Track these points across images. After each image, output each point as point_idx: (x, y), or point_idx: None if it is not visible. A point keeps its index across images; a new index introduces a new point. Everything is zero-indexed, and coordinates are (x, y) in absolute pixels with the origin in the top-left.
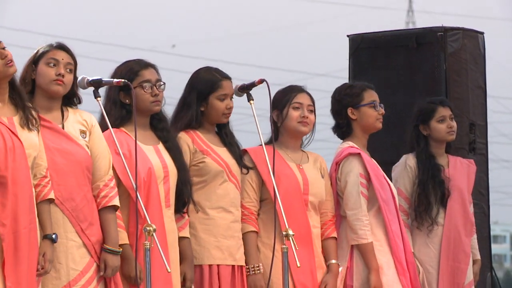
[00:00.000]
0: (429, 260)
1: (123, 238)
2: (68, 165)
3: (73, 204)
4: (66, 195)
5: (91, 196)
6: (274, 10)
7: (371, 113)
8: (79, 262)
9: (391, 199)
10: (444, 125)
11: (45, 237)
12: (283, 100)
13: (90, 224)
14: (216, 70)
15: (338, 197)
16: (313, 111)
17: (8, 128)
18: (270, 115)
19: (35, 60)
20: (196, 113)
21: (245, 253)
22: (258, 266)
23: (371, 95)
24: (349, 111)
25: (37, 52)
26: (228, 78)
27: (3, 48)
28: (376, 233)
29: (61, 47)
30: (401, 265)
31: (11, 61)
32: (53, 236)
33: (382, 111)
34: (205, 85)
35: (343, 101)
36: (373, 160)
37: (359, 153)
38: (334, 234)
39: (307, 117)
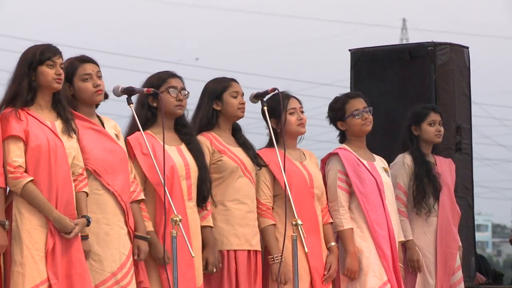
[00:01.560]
0: (426, 247)
1: (148, 226)
2: (118, 163)
3: (125, 197)
4: (120, 189)
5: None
6: (285, 28)
7: (355, 121)
8: (126, 248)
9: (374, 191)
10: (433, 128)
11: (83, 216)
12: (278, 108)
13: (131, 215)
14: (224, 77)
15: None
16: (303, 112)
17: (51, 131)
18: (281, 119)
19: (68, 79)
20: (211, 111)
21: (266, 245)
22: (279, 256)
23: (353, 105)
24: (338, 124)
25: (67, 71)
26: (236, 80)
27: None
28: (358, 221)
29: (86, 60)
30: (381, 250)
31: (61, 80)
32: (89, 218)
33: (367, 116)
34: (217, 86)
35: (332, 117)
36: (372, 156)
37: (337, 153)
38: (330, 220)
39: (302, 119)
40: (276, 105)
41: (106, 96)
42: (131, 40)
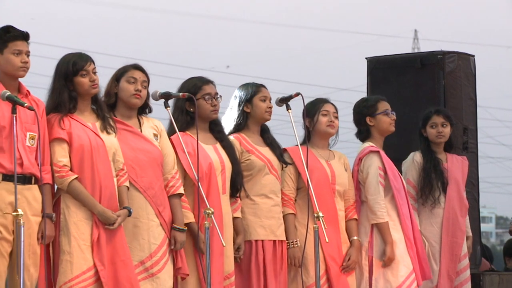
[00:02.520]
0: (432, 236)
1: (190, 218)
2: (148, 161)
3: (152, 192)
4: (147, 185)
5: (163, 186)
6: (308, 38)
7: (385, 119)
8: (158, 238)
9: (402, 188)
10: (434, 130)
11: (124, 207)
12: (314, 109)
13: (164, 208)
14: (254, 82)
15: (360, 186)
16: (337, 117)
17: (92, 131)
18: (304, 121)
19: (117, 78)
20: (240, 115)
21: (285, 231)
22: (296, 241)
23: (384, 105)
24: (367, 119)
25: (118, 71)
26: (264, 86)
27: (94, 73)
28: (391, 215)
29: (138, 67)
30: (409, 241)
31: (97, 84)
32: (130, 209)
33: (394, 117)
34: (249, 90)
35: (362, 112)
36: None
37: (378, 151)
38: (355, 216)
39: (333, 122)
40: (312, 107)
41: (147, 105)
42: (170, 50)
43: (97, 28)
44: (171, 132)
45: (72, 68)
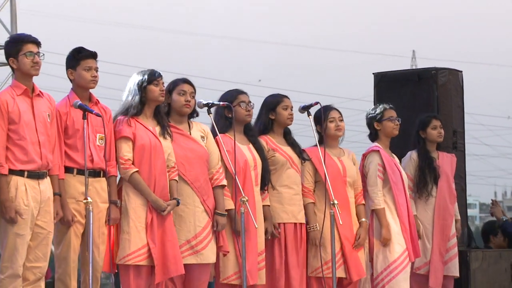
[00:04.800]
0: (426, 220)
1: (230, 205)
2: (195, 158)
3: (198, 184)
4: (194, 178)
5: (208, 179)
6: (324, 57)
7: (390, 125)
8: (202, 221)
9: (400, 181)
10: (435, 131)
11: (174, 198)
12: (322, 117)
13: (208, 197)
14: (278, 94)
15: (364, 178)
16: (342, 120)
17: (153, 134)
18: (315, 127)
19: (169, 90)
20: (268, 120)
21: (306, 217)
22: (315, 226)
23: (389, 113)
24: (375, 124)
25: (170, 85)
26: (287, 96)
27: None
28: (388, 203)
29: (187, 81)
30: (404, 225)
31: (164, 93)
32: (179, 200)
33: (398, 123)
34: (273, 100)
35: (371, 118)
36: (392, 154)
37: (378, 150)
38: (363, 202)
39: (339, 125)
40: (320, 115)
41: (194, 111)
42: (213, 66)
43: (156, 51)
44: (214, 134)
45: (147, 77)
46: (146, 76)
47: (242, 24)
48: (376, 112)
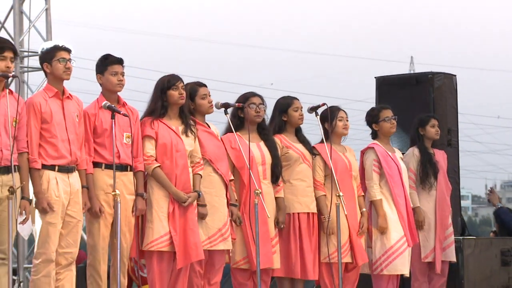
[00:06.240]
0: (428, 211)
1: (233, 198)
2: (222, 154)
3: (227, 178)
4: (225, 172)
5: None
6: (330, 63)
7: (386, 125)
8: (227, 211)
9: (397, 174)
10: (434, 129)
11: (195, 191)
12: (331, 116)
13: (228, 190)
14: (289, 96)
15: (364, 172)
16: (347, 120)
17: (175, 132)
18: (323, 125)
19: (191, 97)
20: (280, 120)
21: (319, 208)
22: (328, 216)
23: (385, 113)
24: (373, 125)
25: (190, 91)
26: (297, 98)
27: (182, 88)
28: (385, 194)
29: (203, 84)
30: (400, 213)
31: (184, 96)
32: (200, 192)
33: (394, 122)
34: (284, 102)
35: (369, 120)
36: (393, 149)
37: (373, 147)
38: (362, 193)
39: (346, 125)
40: (328, 114)
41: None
42: (228, 71)
43: (178, 56)
44: (226, 132)
45: (166, 83)
46: (166, 82)
47: (257, 33)
48: (373, 114)
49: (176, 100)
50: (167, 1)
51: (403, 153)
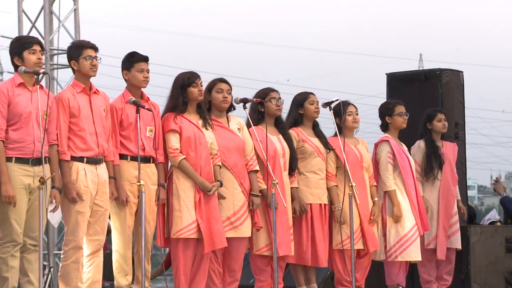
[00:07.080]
0: (432, 200)
1: (262, 186)
2: (234, 148)
3: (237, 169)
4: (233, 164)
5: (244, 165)
6: (343, 61)
7: (399, 119)
8: (240, 201)
9: (409, 166)
10: (440, 123)
11: (217, 180)
12: (341, 110)
13: (245, 180)
14: (306, 91)
15: (377, 163)
16: (357, 114)
17: (196, 126)
18: (334, 120)
19: (209, 89)
20: (297, 114)
21: (331, 199)
22: (339, 205)
23: (399, 109)
24: (386, 118)
25: (209, 85)
26: (313, 93)
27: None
28: (398, 185)
29: (224, 80)
30: (412, 203)
31: (202, 93)
32: (222, 182)
33: (406, 117)
34: (301, 97)
35: (383, 112)
36: (400, 143)
37: (388, 140)
38: (375, 183)
39: (356, 119)
40: (339, 109)
41: (231, 106)
42: (247, 68)
43: (197, 54)
44: (247, 126)
45: (186, 80)
46: (186, 79)
47: (274, 32)
48: (388, 107)
49: (196, 96)
50: (188, 2)
51: (409, 147)
